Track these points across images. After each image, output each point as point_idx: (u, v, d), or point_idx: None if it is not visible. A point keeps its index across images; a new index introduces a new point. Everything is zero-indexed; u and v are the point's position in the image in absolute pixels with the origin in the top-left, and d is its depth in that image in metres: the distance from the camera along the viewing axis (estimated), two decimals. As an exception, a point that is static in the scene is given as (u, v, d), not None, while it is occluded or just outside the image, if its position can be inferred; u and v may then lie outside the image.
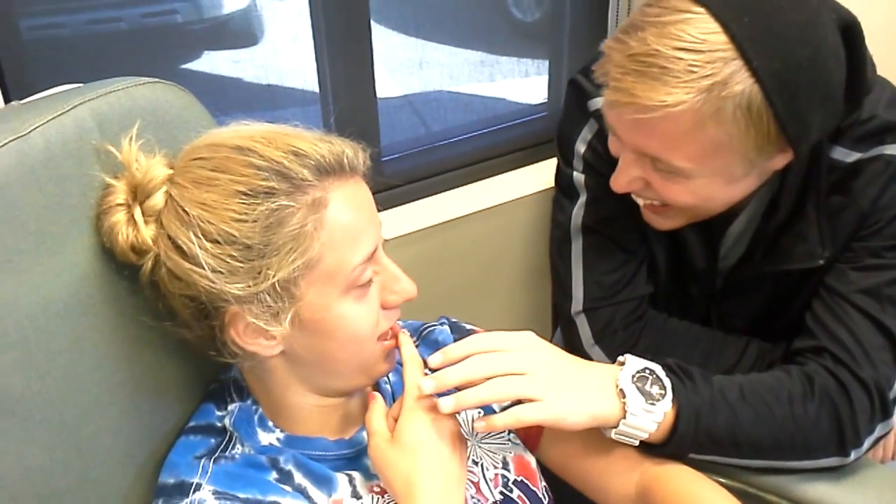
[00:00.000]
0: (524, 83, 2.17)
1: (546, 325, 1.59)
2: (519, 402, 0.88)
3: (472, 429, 0.99)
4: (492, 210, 1.47)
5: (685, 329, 1.19)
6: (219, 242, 0.78)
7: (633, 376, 0.93)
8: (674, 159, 0.92)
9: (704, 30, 0.85)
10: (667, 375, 0.95)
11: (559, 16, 1.57)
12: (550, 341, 0.95)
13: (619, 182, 1.00)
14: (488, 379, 0.86)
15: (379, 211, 1.43)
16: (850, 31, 0.90)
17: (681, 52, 0.84)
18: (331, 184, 0.80)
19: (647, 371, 0.94)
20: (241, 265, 0.78)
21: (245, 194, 0.77)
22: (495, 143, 1.55)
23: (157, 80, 0.91)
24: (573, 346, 1.17)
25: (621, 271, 1.15)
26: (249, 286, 0.78)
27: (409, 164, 1.49)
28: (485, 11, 2.45)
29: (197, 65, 2.30)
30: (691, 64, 0.84)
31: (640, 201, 1.05)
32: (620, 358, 0.96)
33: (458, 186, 1.50)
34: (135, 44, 1.78)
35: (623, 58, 0.87)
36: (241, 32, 2.49)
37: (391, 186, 1.45)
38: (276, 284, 0.78)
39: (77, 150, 0.83)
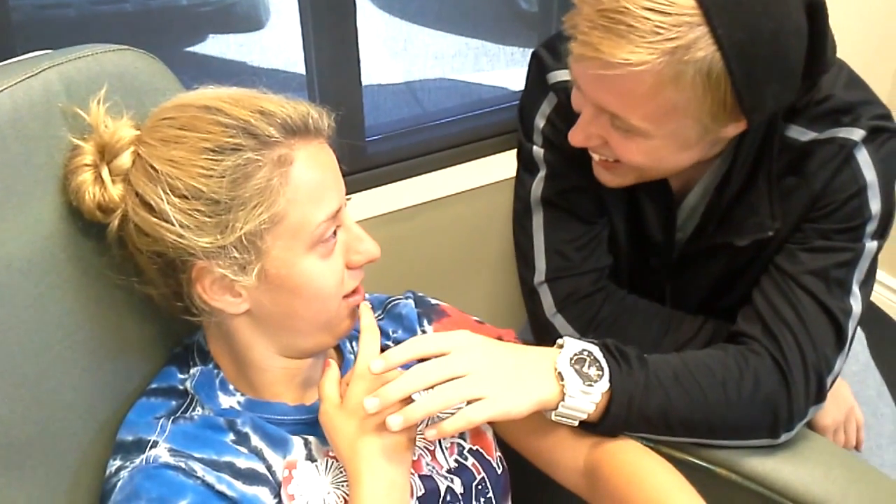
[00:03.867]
0: (509, 69, 2.18)
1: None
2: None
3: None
4: (474, 192, 1.48)
5: (644, 305, 1.20)
6: (186, 198, 0.80)
7: (571, 359, 0.94)
8: (631, 118, 0.93)
9: None
10: (604, 357, 0.96)
11: (548, 4, 1.59)
12: None
13: (577, 137, 1.02)
14: (432, 387, 0.86)
15: (363, 190, 1.46)
16: (815, 10, 0.91)
17: (649, 13, 0.85)
18: (296, 142, 0.82)
19: (585, 353, 0.95)
20: (208, 219, 0.80)
21: (212, 150, 0.79)
22: (480, 126, 1.56)
23: (127, 47, 0.92)
24: (536, 315, 1.19)
25: (581, 242, 1.16)
26: (217, 239, 0.80)
27: (394, 146, 1.50)
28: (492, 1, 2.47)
29: (202, 48, 2.32)
30: (658, 25, 0.85)
31: (595, 156, 1.06)
32: (560, 341, 0.97)
33: (441, 168, 1.51)
34: (139, 25, 1.79)
35: (592, 12, 0.88)
36: (246, 16, 2.51)
37: (375, 166, 1.46)
38: (243, 238, 0.80)
39: (44, 112, 0.84)
